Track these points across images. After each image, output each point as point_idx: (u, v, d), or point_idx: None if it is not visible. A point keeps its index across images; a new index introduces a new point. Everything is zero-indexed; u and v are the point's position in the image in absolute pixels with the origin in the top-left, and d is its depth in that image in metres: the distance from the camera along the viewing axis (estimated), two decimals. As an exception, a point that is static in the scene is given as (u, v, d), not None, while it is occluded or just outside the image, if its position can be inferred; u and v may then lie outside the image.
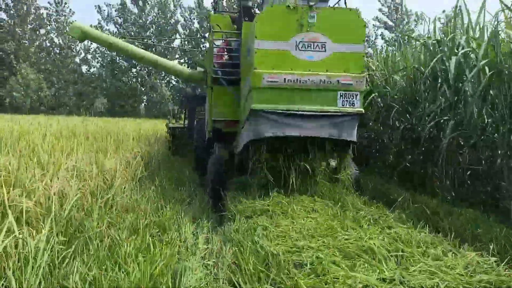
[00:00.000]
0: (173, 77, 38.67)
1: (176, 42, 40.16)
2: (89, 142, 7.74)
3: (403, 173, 6.94)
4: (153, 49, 32.00)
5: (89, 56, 40.65)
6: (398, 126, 7.32)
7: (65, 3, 40.53)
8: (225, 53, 6.07)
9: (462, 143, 5.83)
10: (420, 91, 6.77)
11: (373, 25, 39.88)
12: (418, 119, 6.66)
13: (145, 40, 27.09)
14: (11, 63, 36.94)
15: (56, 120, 15.99)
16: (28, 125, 10.82)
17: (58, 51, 40.78)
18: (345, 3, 5.70)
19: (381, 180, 7.12)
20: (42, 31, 40.41)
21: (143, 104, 39.88)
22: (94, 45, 39.10)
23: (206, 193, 5.92)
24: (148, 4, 39.42)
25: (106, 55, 39.04)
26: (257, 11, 7.17)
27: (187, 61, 38.99)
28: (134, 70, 38.33)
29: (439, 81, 6.24)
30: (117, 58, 38.53)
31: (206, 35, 30.37)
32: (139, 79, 38.11)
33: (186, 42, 39.57)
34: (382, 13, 38.51)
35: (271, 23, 5.09)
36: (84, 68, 40.38)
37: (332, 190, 5.38)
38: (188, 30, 39.78)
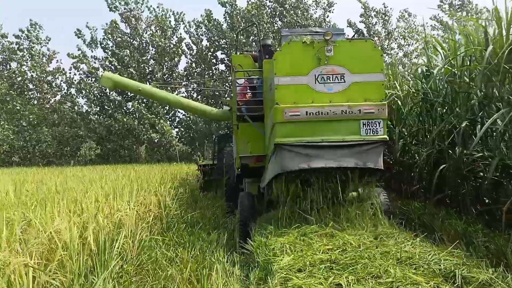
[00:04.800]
0: (179, 111, 41.37)
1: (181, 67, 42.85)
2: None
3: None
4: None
5: (73, 91, 43.28)
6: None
7: (39, 30, 43.37)
8: (248, 91, 8.24)
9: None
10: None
11: (431, 25, 42.03)
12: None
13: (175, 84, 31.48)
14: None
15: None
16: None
17: (32, 88, 43.48)
18: (363, 34, 7.74)
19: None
20: (14, 64, 43.16)
21: (142, 147, 42.06)
22: (78, 77, 42.17)
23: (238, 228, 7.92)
24: (142, 21, 42.15)
25: (92, 87, 41.06)
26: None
27: (195, 88, 41.62)
28: (129, 104, 40.55)
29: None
30: (108, 91, 40.61)
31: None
32: (137, 115, 39.94)
33: (193, 65, 42.41)
34: (442, 10, 40.60)
35: (289, 59, 7.15)
36: (67, 106, 42.55)
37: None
38: (194, 50, 42.50)
